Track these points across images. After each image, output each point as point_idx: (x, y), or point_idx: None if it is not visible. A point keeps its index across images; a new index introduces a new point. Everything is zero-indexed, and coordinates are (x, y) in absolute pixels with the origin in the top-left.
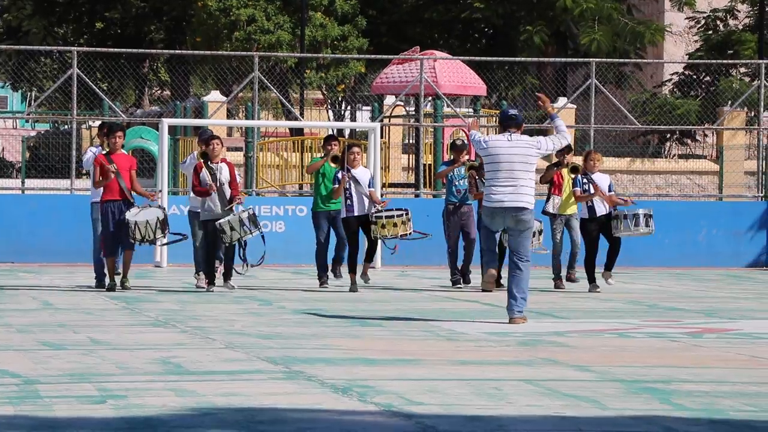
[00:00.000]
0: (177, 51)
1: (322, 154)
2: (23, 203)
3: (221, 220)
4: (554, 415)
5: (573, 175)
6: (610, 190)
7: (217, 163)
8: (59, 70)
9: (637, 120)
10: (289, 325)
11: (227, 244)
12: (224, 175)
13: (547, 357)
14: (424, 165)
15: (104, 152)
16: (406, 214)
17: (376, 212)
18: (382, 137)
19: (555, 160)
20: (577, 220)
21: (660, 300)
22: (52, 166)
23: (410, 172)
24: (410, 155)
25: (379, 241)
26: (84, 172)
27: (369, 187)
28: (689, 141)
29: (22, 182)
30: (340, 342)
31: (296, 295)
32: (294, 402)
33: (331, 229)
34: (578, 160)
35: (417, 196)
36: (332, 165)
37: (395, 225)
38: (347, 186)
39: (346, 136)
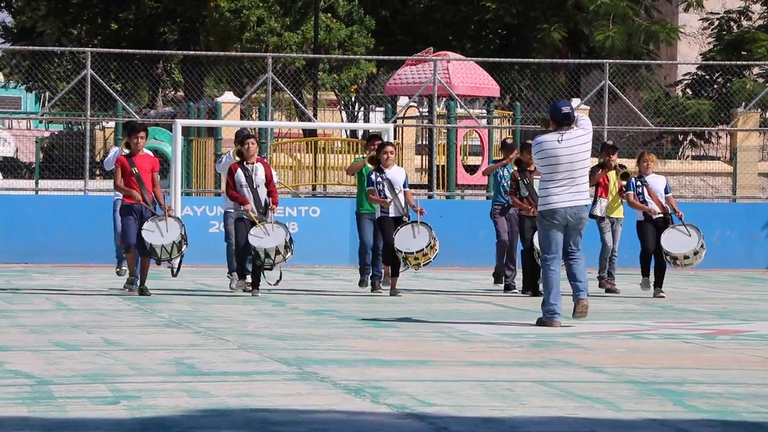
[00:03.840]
0: (190, 52)
1: (364, 155)
2: (37, 204)
3: (257, 245)
4: (568, 416)
5: (624, 182)
6: (666, 192)
7: (253, 163)
8: (73, 71)
9: (650, 121)
10: (303, 326)
11: (259, 264)
12: (260, 176)
13: (561, 358)
14: (438, 166)
15: (125, 153)
16: (428, 245)
17: (412, 221)
18: (395, 138)
19: (597, 162)
20: (622, 226)
21: (673, 301)
22: (65, 167)
23: (423, 173)
24: (423, 156)
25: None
26: (98, 173)
27: (404, 187)
28: (702, 142)
29: (36, 183)
30: (353, 343)
31: (309, 296)
32: (307, 403)
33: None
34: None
35: (430, 197)
36: (369, 166)
37: (416, 258)
38: (381, 188)
39: (359, 137)
